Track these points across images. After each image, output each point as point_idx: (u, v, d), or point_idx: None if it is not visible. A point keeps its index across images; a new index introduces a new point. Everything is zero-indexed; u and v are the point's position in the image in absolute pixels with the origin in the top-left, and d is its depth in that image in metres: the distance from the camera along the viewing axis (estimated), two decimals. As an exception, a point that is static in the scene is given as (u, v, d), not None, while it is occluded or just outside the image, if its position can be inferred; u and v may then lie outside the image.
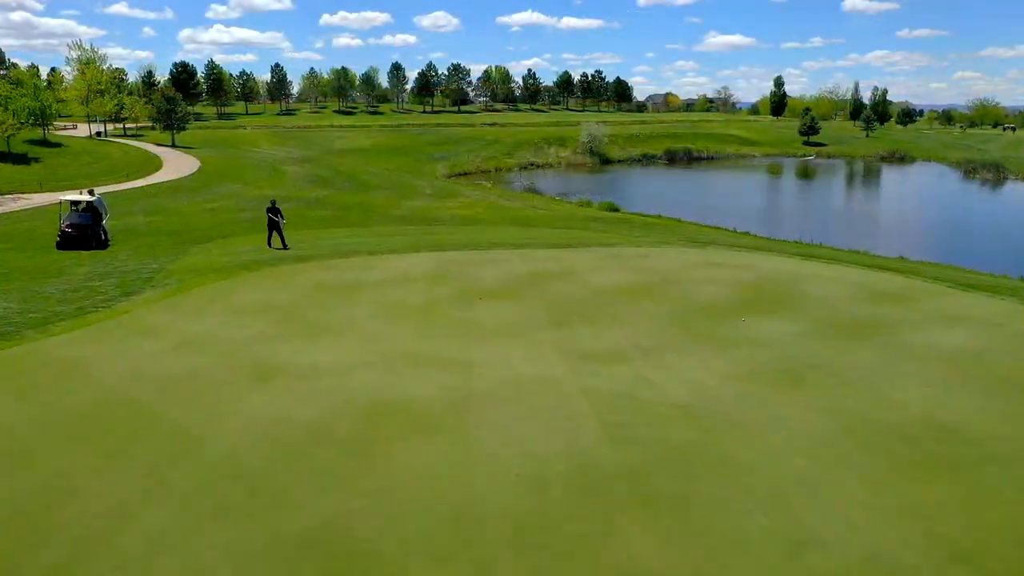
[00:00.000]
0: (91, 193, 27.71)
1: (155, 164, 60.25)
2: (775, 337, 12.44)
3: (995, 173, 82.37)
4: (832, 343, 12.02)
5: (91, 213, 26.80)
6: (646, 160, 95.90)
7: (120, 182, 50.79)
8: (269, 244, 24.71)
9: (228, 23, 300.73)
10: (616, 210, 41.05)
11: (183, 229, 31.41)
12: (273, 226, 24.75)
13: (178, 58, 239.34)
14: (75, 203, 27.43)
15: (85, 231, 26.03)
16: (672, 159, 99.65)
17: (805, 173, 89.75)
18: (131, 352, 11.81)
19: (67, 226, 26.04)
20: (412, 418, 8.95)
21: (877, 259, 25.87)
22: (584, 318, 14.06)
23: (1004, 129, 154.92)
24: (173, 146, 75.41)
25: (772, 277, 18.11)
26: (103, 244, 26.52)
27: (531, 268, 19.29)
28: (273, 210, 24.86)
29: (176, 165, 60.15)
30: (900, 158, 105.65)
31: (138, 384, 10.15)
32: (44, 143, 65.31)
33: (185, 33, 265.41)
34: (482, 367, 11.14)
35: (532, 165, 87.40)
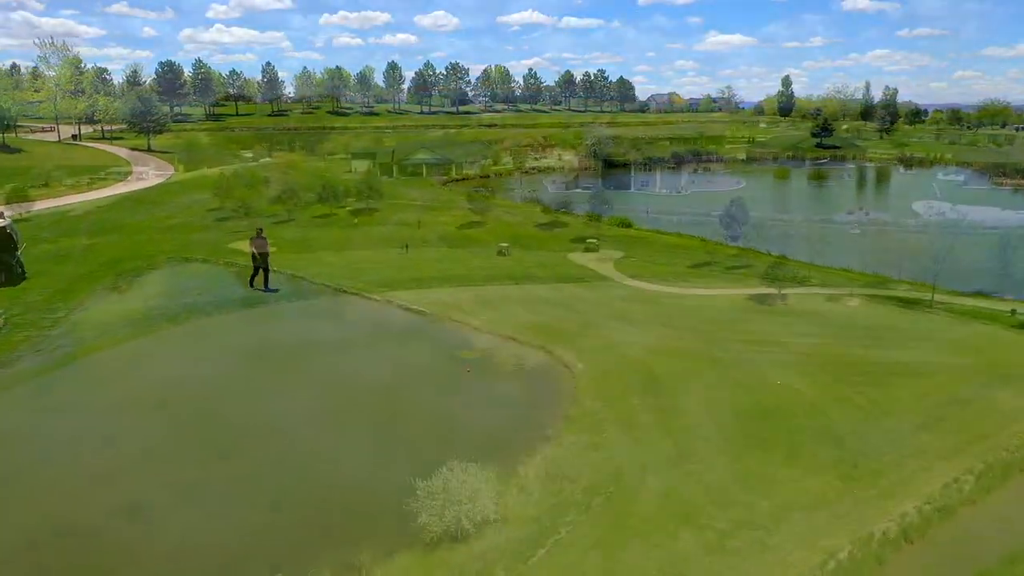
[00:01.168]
0: (1, 216, 22.96)
1: (123, 171, 55.44)
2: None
3: None
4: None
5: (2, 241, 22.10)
6: (652, 164, 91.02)
7: (80, 192, 46.00)
8: (255, 284, 20.77)
9: (228, 23, 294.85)
10: (629, 226, 36.46)
11: (125, 255, 26.63)
12: (258, 261, 20.79)
13: (179, 58, 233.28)
14: (-16, 229, 22.68)
15: (-9, 264, 21.37)
16: (680, 162, 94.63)
17: (821, 176, 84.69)
18: None
19: (-32, 258, 21.35)
20: None
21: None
22: (619, 419, 9.84)
23: (1018, 130, 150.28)
24: (149, 150, 70.52)
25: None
26: (16, 278, 21.85)
27: (536, 320, 15.34)
28: (260, 241, 20.84)
29: (145, 172, 55.39)
30: (919, 161, 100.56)
31: None
32: (3, 148, 60.51)
33: (186, 33, 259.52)
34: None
35: (534, 169, 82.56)
